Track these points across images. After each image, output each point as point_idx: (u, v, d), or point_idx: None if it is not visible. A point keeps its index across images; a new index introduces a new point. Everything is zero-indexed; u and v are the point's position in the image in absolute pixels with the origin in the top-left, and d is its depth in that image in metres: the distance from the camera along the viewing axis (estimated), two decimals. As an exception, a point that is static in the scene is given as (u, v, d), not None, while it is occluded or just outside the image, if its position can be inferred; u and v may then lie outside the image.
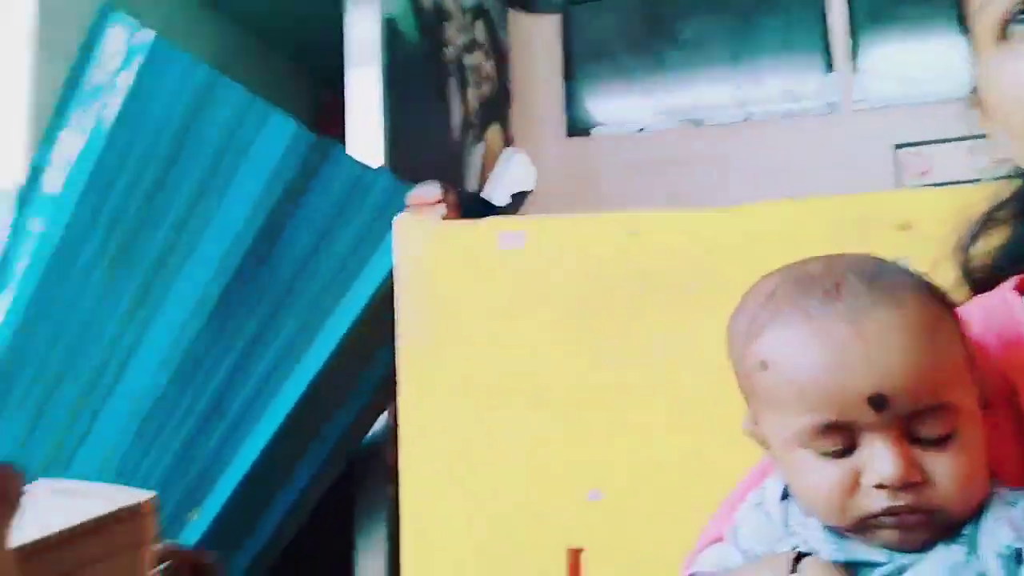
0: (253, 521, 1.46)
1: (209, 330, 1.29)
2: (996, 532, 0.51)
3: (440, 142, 2.69)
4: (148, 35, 1.31)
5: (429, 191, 1.30)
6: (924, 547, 0.52)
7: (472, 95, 2.95)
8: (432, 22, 2.77)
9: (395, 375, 1.22)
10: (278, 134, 1.32)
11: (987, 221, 0.72)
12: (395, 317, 1.25)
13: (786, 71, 3.18)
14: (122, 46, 1.31)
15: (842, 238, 1.09)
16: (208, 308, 1.29)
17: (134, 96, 1.29)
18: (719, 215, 1.18)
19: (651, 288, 1.18)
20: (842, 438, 0.51)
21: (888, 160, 2.72)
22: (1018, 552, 0.50)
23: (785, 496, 0.60)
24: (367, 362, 1.43)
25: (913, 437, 0.51)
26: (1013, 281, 0.67)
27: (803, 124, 2.99)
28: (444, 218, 1.28)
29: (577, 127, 3.26)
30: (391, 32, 2.48)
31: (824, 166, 2.80)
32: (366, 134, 2.26)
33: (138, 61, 1.30)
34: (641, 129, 3.23)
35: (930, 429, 0.51)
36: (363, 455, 1.69)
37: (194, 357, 1.29)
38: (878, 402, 0.50)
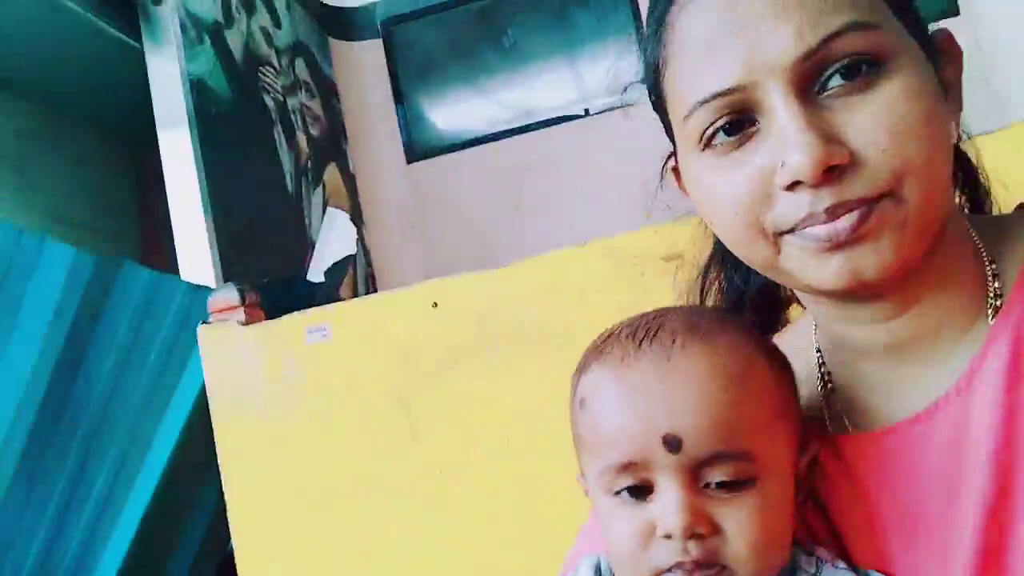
0: None
1: (16, 491, 1.22)
2: None
3: (273, 193, 2.63)
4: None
5: (227, 296, 1.27)
6: None
7: (301, 139, 2.88)
8: (245, 71, 2.69)
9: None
10: (57, 262, 1.25)
11: (708, 270, 0.75)
12: (213, 431, 1.22)
13: (608, 60, 3.25)
14: None
15: (622, 275, 1.14)
16: (11, 467, 1.22)
17: None
18: (507, 273, 1.20)
19: (457, 357, 1.19)
20: (639, 480, 0.51)
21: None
22: None
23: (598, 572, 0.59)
24: (200, 485, 1.37)
25: (707, 484, 0.50)
26: None
27: (636, 113, 3.07)
28: (247, 321, 1.26)
29: (416, 151, 3.25)
30: (199, 91, 2.40)
31: (659, 153, 2.89)
32: (185, 197, 2.18)
33: None
34: (477, 140, 3.23)
35: (724, 476, 0.50)
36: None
37: (2, 528, 1.22)
38: (672, 442, 0.49)
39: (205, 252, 2.08)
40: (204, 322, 1.26)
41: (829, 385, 0.61)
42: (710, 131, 0.51)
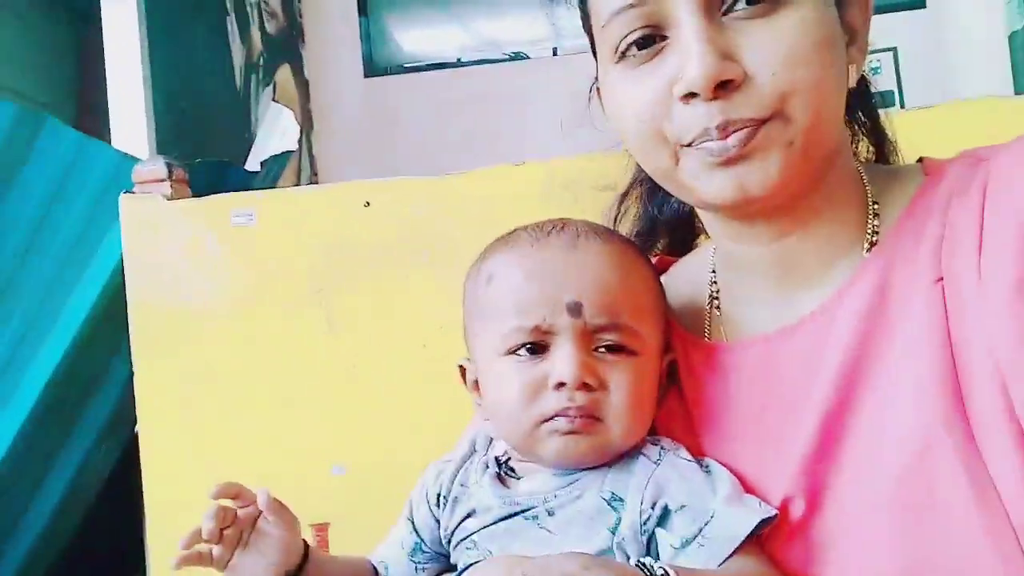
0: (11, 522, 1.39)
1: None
2: (643, 489, 0.56)
3: (220, 83, 2.54)
4: None
5: (154, 168, 1.24)
6: (582, 467, 0.58)
7: (256, 34, 2.78)
8: (205, -45, 2.56)
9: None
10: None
11: (625, 197, 0.78)
12: (127, 301, 1.21)
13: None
14: None
15: (554, 199, 1.15)
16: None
17: None
18: (443, 182, 1.20)
19: (385, 258, 1.19)
20: (539, 339, 0.58)
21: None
22: (665, 507, 0.55)
23: (471, 454, 0.65)
24: (110, 360, 1.35)
25: (598, 348, 0.58)
26: (654, 260, 0.74)
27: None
28: (173, 197, 1.23)
29: (375, 66, 3.17)
30: (153, -33, 2.28)
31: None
32: (125, 72, 2.08)
33: None
34: (440, 65, 3.17)
35: (613, 340, 0.58)
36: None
37: None
38: (574, 308, 0.57)
39: (141, 130, 2.01)
40: (127, 191, 1.23)
41: (715, 301, 0.67)
42: (623, 44, 0.54)
